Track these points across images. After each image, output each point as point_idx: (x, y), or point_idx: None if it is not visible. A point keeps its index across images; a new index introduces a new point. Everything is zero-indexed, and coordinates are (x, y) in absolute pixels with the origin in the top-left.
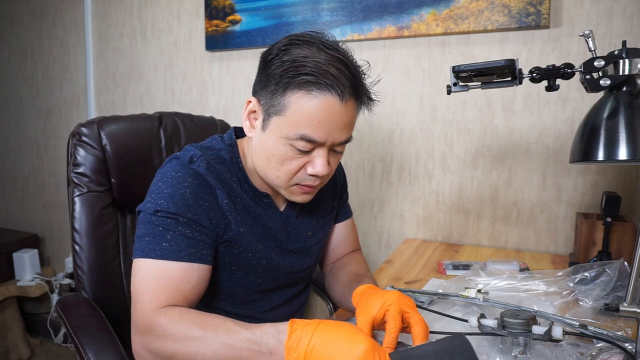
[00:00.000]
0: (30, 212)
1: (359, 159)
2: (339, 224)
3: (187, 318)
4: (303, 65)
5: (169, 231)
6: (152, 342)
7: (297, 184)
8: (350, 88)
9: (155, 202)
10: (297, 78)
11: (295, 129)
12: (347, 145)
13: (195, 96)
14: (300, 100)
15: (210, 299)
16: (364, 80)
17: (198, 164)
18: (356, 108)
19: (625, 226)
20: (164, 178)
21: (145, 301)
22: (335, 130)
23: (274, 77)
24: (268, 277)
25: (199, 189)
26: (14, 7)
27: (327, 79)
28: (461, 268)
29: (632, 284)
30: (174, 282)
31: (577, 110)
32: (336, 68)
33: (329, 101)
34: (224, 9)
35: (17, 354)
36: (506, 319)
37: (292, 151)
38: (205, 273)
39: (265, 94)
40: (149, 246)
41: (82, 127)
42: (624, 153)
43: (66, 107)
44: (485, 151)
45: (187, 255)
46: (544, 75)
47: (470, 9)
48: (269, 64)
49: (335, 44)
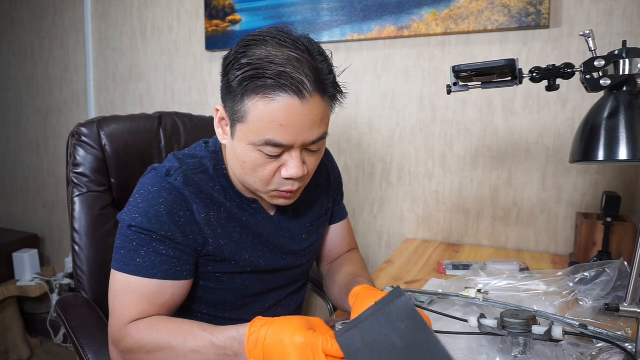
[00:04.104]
0: (30, 212)
1: (359, 159)
2: (334, 225)
3: (156, 329)
4: (258, 68)
5: (142, 247)
6: (126, 354)
7: (276, 190)
8: (313, 84)
9: (130, 216)
10: (252, 84)
11: (259, 135)
12: (347, 145)
13: (195, 96)
14: (259, 105)
15: (201, 308)
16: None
17: (175, 178)
18: (324, 103)
19: (625, 226)
20: (141, 190)
21: (118, 314)
22: (301, 130)
23: (233, 83)
24: (255, 279)
25: (174, 205)
26: (14, 7)
27: (284, 80)
28: (461, 268)
29: (632, 284)
30: (147, 297)
31: (577, 110)
32: (293, 67)
33: (287, 103)
34: (224, 9)
35: (17, 354)
36: (506, 319)
37: (262, 157)
38: (180, 288)
39: (228, 101)
40: (124, 260)
41: (81, 127)
42: (624, 153)
43: (66, 107)
44: (485, 151)
45: (159, 273)
46: (544, 75)
47: (470, 9)
48: (227, 69)
49: (295, 41)
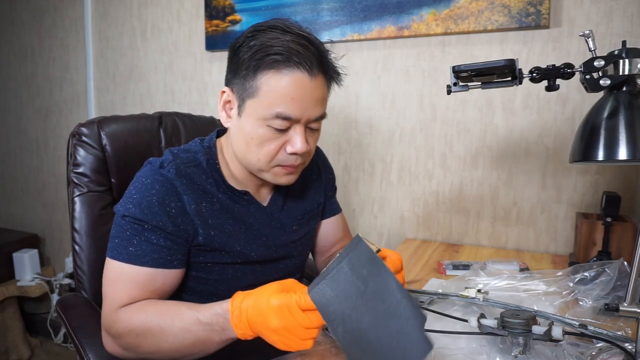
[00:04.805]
0: (30, 212)
1: (359, 159)
2: (326, 220)
3: (144, 311)
4: (270, 46)
5: (135, 236)
6: (117, 338)
7: (278, 165)
8: (317, 64)
9: (125, 207)
10: (265, 59)
11: (270, 108)
12: (347, 145)
13: (195, 96)
14: (271, 79)
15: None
16: (329, 57)
17: (168, 169)
18: (326, 84)
19: (625, 226)
20: (136, 183)
21: (109, 300)
22: (308, 105)
23: (244, 62)
24: (247, 270)
25: (165, 196)
26: (14, 7)
27: (295, 57)
28: (461, 268)
29: (632, 283)
30: (139, 284)
31: (577, 110)
32: (302, 46)
33: (298, 77)
34: (224, 9)
35: (17, 354)
36: (506, 319)
37: (270, 132)
38: (171, 277)
39: (237, 81)
40: (118, 248)
41: (82, 127)
42: (624, 153)
43: (66, 107)
44: (485, 151)
45: (150, 261)
46: (544, 75)
47: (470, 9)
48: (237, 51)
49: (298, 26)
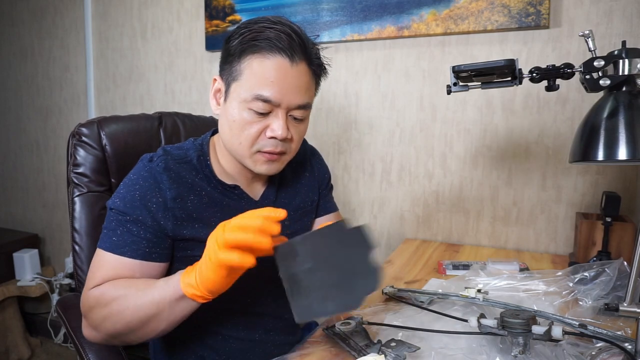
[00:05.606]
0: (30, 212)
1: (359, 159)
2: (321, 217)
3: (113, 284)
4: (257, 33)
5: (119, 227)
6: (88, 316)
7: (259, 151)
8: (300, 52)
9: (112, 200)
10: (250, 45)
11: (251, 90)
12: (347, 145)
13: (195, 96)
14: (254, 63)
15: None
16: (313, 48)
17: (157, 163)
18: (309, 72)
19: (625, 226)
20: (125, 178)
21: (87, 283)
22: (288, 90)
23: (232, 48)
24: None
25: (147, 191)
26: (14, 7)
27: (279, 42)
28: (461, 268)
29: (632, 283)
30: (116, 270)
31: (577, 110)
32: (286, 34)
33: (279, 62)
34: (224, 9)
35: (17, 354)
36: (506, 319)
37: (251, 115)
38: (152, 270)
39: (226, 67)
40: (104, 238)
41: (82, 127)
42: (624, 153)
43: (66, 107)
44: (485, 151)
45: (129, 252)
46: (544, 75)
47: (470, 9)
48: (229, 40)
49: (287, 20)
